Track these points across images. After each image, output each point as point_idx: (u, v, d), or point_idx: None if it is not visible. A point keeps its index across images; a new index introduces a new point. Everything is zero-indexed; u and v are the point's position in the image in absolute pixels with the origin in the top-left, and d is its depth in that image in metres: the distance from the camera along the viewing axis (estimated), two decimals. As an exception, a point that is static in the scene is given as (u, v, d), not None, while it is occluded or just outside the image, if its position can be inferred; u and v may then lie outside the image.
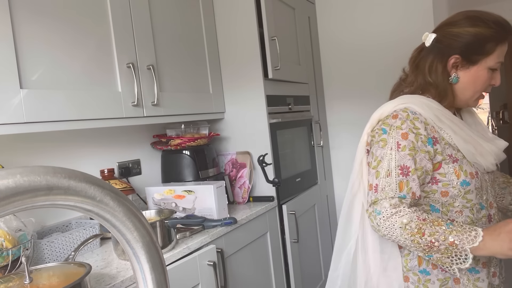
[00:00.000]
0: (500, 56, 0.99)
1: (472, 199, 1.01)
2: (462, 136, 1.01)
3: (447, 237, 0.89)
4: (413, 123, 0.99)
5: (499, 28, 0.98)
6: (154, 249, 0.39)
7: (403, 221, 0.93)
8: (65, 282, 0.96)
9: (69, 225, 1.58)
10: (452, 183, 0.99)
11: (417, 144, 0.98)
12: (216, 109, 2.08)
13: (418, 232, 0.91)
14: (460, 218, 1.01)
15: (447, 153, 1.00)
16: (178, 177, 1.93)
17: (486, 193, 1.04)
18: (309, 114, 2.57)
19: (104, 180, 0.55)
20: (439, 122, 1.00)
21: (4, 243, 1.13)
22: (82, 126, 1.39)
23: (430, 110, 1.01)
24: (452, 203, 1.01)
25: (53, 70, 1.31)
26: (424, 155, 0.98)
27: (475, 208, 1.01)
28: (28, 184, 0.28)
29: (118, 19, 1.54)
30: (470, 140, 1.01)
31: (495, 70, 1.01)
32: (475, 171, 1.01)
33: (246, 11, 2.03)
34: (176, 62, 1.85)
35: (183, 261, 1.37)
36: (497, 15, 1.00)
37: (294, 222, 2.10)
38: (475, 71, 1.01)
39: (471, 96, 1.04)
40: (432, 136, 0.99)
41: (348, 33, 2.74)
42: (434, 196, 1.02)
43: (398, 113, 1.02)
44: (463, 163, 1.00)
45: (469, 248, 0.88)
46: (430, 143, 0.99)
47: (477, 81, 1.01)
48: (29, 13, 1.25)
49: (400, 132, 0.99)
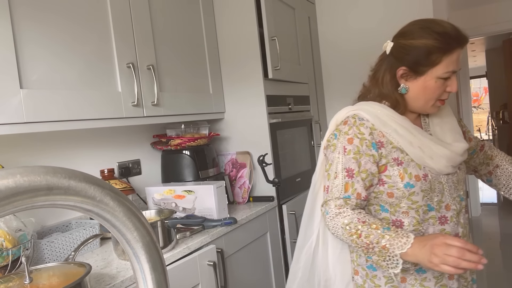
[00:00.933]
0: (449, 65, 1.00)
1: (417, 200, 1.03)
2: (409, 139, 1.04)
3: (380, 241, 0.94)
4: (359, 128, 1.05)
5: (444, 39, 0.99)
6: (154, 249, 0.39)
7: (344, 222, 1.00)
8: (65, 282, 0.96)
9: (69, 225, 1.58)
10: (396, 185, 1.03)
11: (362, 148, 1.04)
12: (216, 109, 2.08)
13: (355, 233, 0.98)
14: (406, 218, 1.05)
15: (392, 157, 1.04)
16: (178, 177, 1.93)
17: (439, 195, 1.05)
18: (309, 114, 2.57)
19: (104, 180, 0.55)
20: (384, 127, 1.05)
21: (4, 243, 1.13)
22: (82, 126, 1.39)
23: (376, 116, 1.06)
24: (398, 204, 1.05)
25: (53, 70, 1.31)
26: (368, 158, 1.04)
27: (421, 209, 1.04)
28: (28, 184, 0.28)
29: (118, 19, 1.54)
30: (417, 143, 1.04)
31: (448, 78, 1.03)
32: (424, 173, 1.04)
33: (246, 11, 2.03)
34: (176, 62, 1.85)
35: (183, 261, 1.37)
36: (447, 25, 1.01)
37: (294, 222, 2.10)
38: (423, 82, 1.04)
39: (423, 104, 1.07)
40: (377, 140, 1.05)
41: (348, 33, 2.74)
42: (382, 197, 1.06)
43: (348, 119, 1.09)
44: (409, 166, 1.03)
45: (399, 253, 0.91)
46: (374, 147, 1.04)
47: (426, 91, 1.04)
48: (29, 13, 1.25)
49: (347, 137, 1.06)
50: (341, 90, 2.79)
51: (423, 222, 1.05)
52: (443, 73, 1.01)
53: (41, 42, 1.28)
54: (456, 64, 1.01)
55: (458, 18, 4.29)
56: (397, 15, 2.56)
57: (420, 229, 1.05)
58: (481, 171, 1.30)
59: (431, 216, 1.05)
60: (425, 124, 1.14)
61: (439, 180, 1.06)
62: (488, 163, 1.28)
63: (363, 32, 2.68)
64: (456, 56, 1.00)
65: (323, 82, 2.87)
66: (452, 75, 1.02)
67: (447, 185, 1.07)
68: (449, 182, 1.07)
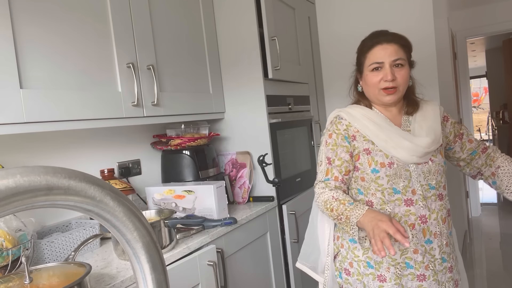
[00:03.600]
0: (371, 58, 1.27)
1: (383, 184, 1.26)
2: (376, 133, 1.27)
3: (344, 212, 1.20)
4: (337, 126, 1.34)
5: (365, 41, 1.32)
6: (154, 249, 0.39)
7: (323, 199, 1.28)
8: (65, 282, 0.96)
9: (69, 225, 1.58)
10: (366, 170, 1.28)
11: (338, 141, 1.32)
12: (216, 109, 2.08)
13: (330, 207, 1.25)
14: (375, 199, 1.28)
15: (363, 147, 1.29)
16: (178, 177, 1.93)
17: (406, 181, 1.25)
18: (309, 114, 2.57)
19: (104, 180, 0.55)
20: (357, 124, 1.30)
21: (4, 243, 1.13)
22: (82, 126, 1.39)
23: (352, 116, 1.32)
24: (369, 186, 1.28)
25: (53, 70, 1.31)
26: (342, 149, 1.31)
27: (386, 191, 1.26)
28: (28, 184, 0.28)
29: (118, 19, 1.54)
30: (384, 136, 1.26)
31: (380, 69, 1.27)
32: (390, 162, 1.25)
33: (246, 11, 2.03)
34: (176, 62, 1.85)
35: (183, 261, 1.37)
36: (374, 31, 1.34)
37: (294, 222, 2.10)
38: (364, 77, 1.33)
39: (373, 95, 1.32)
40: (351, 135, 1.31)
41: (348, 33, 2.74)
42: (358, 181, 1.31)
43: (332, 119, 1.37)
44: (376, 155, 1.27)
45: (355, 220, 1.16)
46: (347, 140, 1.31)
47: (368, 83, 1.31)
48: (29, 13, 1.25)
49: (328, 133, 1.35)
50: (341, 90, 2.79)
51: (388, 202, 1.26)
52: (370, 65, 1.28)
53: (41, 42, 1.28)
54: (378, 57, 1.26)
55: (458, 18, 4.29)
56: (398, 15, 2.56)
57: (386, 208, 1.26)
58: (486, 173, 1.40)
59: (397, 198, 1.26)
60: (406, 121, 1.34)
61: (406, 168, 1.26)
62: (491, 165, 1.39)
63: (363, 32, 2.67)
64: (377, 51, 1.26)
65: (323, 82, 2.87)
66: (382, 66, 1.26)
67: (416, 173, 1.26)
68: (417, 171, 1.26)
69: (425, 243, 1.26)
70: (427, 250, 1.26)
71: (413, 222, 1.25)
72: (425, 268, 1.25)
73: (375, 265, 1.28)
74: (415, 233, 1.25)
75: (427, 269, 1.26)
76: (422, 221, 1.25)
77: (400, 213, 1.25)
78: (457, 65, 4.34)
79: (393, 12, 2.57)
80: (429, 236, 1.26)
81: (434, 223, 1.26)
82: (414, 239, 1.26)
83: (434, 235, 1.26)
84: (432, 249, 1.26)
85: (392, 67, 1.25)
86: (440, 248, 1.28)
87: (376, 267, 1.27)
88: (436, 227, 1.27)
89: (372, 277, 1.28)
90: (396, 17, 2.57)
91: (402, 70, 1.25)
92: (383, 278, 1.27)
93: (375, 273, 1.28)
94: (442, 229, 1.28)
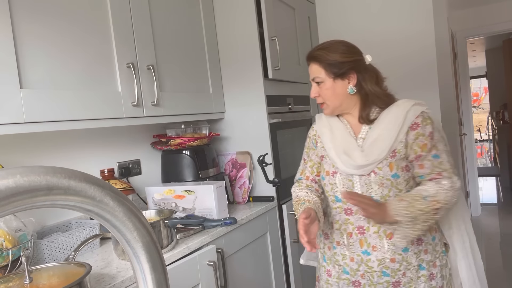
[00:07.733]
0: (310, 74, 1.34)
1: (328, 191, 1.34)
2: (327, 141, 1.34)
3: (296, 211, 1.33)
4: (310, 132, 1.46)
5: None
6: (154, 249, 0.39)
7: (294, 196, 1.40)
8: (65, 282, 0.96)
9: (69, 225, 1.58)
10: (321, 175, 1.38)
11: (310, 145, 1.45)
12: (216, 109, 2.08)
13: (294, 206, 1.37)
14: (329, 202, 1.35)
15: (321, 154, 1.38)
16: (178, 177, 1.93)
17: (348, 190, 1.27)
18: (309, 114, 2.57)
19: (104, 180, 0.55)
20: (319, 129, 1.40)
21: (4, 243, 1.13)
22: (82, 126, 1.39)
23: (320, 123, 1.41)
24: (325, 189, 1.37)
25: (53, 70, 1.31)
26: (312, 152, 1.43)
27: (330, 198, 1.34)
28: (28, 184, 0.28)
29: (118, 19, 1.54)
30: (331, 145, 1.32)
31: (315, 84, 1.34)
32: (334, 171, 1.31)
33: (246, 11, 2.03)
34: (176, 62, 1.85)
35: (183, 261, 1.37)
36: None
37: (294, 222, 2.10)
38: None
39: None
40: (316, 141, 1.41)
41: (348, 33, 2.74)
42: None
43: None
44: (326, 163, 1.35)
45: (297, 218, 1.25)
46: (313, 144, 1.43)
47: None
48: (29, 13, 1.25)
49: (307, 137, 1.47)
50: (341, 90, 2.79)
51: (332, 209, 1.34)
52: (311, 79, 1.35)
53: (41, 42, 1.28)
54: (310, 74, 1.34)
55: (458, 18, 4.29)
56: (398, 15, 2.56)
57: (333, 213, 1.33)
58: None
59: (338, 206, 1.31)
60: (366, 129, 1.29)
61: (349, 178, 1.28)
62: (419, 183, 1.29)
63: (363, 32, 2.68)
64: (310, 68, 1.34)
65: (323, 82, 2.87)
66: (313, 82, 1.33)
67: (359, 184, 1.26)
68: (361, 182, 1.26)
69: (361, 253, 1.27)
70: (364, 260, 1.27)
71: (351, 231, 1.28)
72: (360, 276, 1.29)
73: (327, 260, 1.39)
74: (352, 242, 1.28)
75: (362, 278, 1.28)
76: (360, 232, 1.26)
77: (340, 221, 1.31)
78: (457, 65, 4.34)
79: (393, 12, 2.57)
80: (367, 248, 1.25)
81: (374, 236, 1.24)
82: (351, 247, 1.29)
83: (373, 248, 1.24)
84: (369, 261, 1.26)
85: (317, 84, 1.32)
86: (380, 262, 1.24)
87: (328, 262, 1.39)
88: (376, 240, 1.23)
89: (323, 269, 1.41)
90: (396, 17, 2.57)
91: (323, 86, 1.30)
92: (330, 273, 1.38)
93: (326, 267, 1.40)
94: (386, 244, 1.23)
